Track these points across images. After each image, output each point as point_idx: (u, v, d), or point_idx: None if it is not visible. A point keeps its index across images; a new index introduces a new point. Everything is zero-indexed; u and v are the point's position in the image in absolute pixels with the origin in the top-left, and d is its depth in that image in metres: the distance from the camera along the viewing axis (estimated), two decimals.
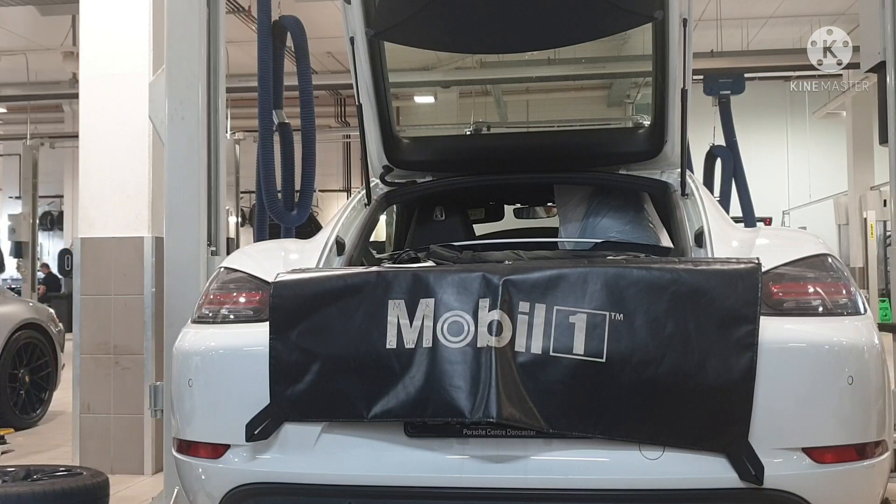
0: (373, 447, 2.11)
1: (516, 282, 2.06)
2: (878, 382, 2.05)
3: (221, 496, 2.21)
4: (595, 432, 2.01)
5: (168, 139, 3.31)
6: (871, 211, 13.53)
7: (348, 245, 2.87)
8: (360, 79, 3.25)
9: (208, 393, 2.25)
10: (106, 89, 4.55)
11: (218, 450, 2.21)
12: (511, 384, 2.00)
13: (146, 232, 4.47)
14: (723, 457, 1.97)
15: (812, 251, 2.25)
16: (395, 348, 2.07)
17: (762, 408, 1.97)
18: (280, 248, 2.74)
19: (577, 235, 3.44)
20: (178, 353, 2.34)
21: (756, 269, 2.06)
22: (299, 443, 2.14)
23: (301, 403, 2.12)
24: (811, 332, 2.05)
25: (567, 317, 2.03)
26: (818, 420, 2.01)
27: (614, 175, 3.37)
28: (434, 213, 3.65)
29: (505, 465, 2.05)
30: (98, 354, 4.48)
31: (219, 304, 2.37)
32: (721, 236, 2.56)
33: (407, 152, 3.45)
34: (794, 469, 1.98)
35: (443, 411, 2.02)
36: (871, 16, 4.07)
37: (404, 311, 2.08)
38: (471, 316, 2.04)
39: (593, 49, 11.65)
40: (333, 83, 13.52)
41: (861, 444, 2.02)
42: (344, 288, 2.16)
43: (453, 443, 2.09)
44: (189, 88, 3.29)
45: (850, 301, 2.14)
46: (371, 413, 2.06)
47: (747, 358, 1.97)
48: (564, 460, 2.05)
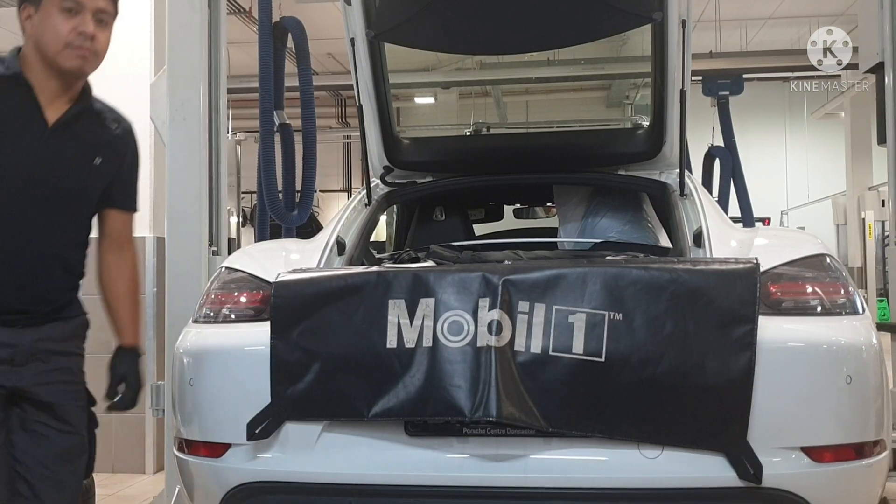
0: (373, 446, 2.12)
1: (516, 282, 2.07)
2: (876, 382, 2.06)
3: (222, 495, 2.22)
4: (594, 431, 2.02)
5: (169, 140, 3.32)
6: (869, 211, 13.55)
7: (349, 245, 2.88)
8: (360, 80, 3.26)
9: (209, 392, 2.26)
10: (106, 90, 4.55)
11: (219, 449, 2.22)
12: (511, 383, 2.01)
13: (147, 232, 4.48)
14: (721, 456, 1.98)
15: (810, 251, 2.26)
16: (396, 348, 2.07)
17: (761, 407, 1.98)
18: (281, 249, 2.75)
19: (576, 235, 3.46)
20: (179, 352, 2.35)
21: (755, 269, 2.07)
22: (300, 442, 2.15)
23: (302, 403, 2.13)
24: (809, 331, 2.06)
25: (566, 316, 2.04)
26: (817, 419, 2.02)
27: (613, 175, 3.39)
28: (434, 213, 3.66)
29: (505, 465, 2.06)
30: (99, 354, 4.48)
31: (220, 304, 2.38)
32: (719, 236, 2.57)
33: (407, 153, 3.46)
34: (792, 468, 1.99)
35: (443, 410, 2.03)
36: (869, 16, 4.08)
37: (405, 311, 2.09)
38: (471, 315, 2.05)
39: (593, 50, 11.67)
40: (334, 84, 13.51)
41: (859, 444, 2.03)
42: (344, 288, 2.17)
43: (453, 442, 2.10)
44: (190, 89, 3.30)
45: (849, 301, 2.14)
46: (371, 412, 2.07)
47: (746, 357, 1.98)
48: (564, 459, 2.06)
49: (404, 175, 3.48)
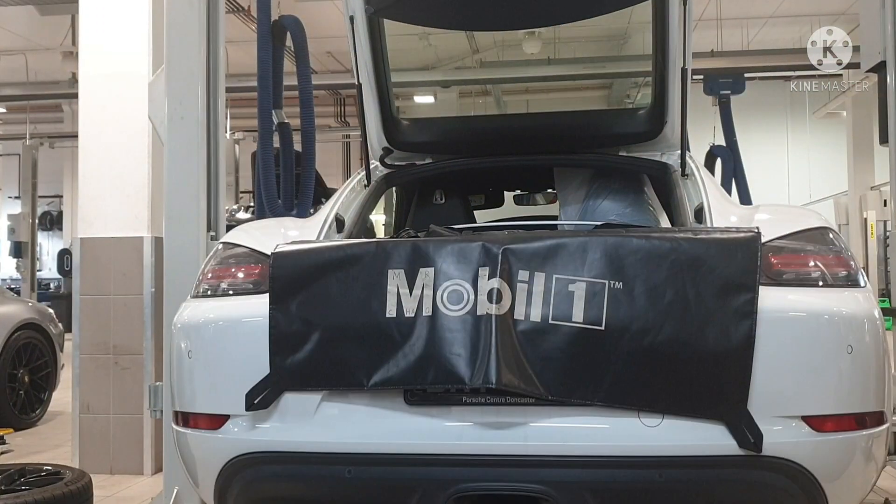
0: (373, 415, 2.12)
1: (516, 251, 2.06)
2: (877, 353, 2.05)
3: (221, 466, 2.21)
4: (594, 399, 2.01)
5: (168, 139, 3.30)
6: (871, 211, 13.56)
7: (348, 222, 2.88)
8: (359, 58, 3.24)
9: (208, 364, 2.25)
10: (105, 89, 4.55)
11: (217, 420, 2.21)
12: (510, 351, 2.00)
13: (146, 232, 4.47)
14: (722, 424, 1.98)
15: (812, 224, 2.25)
16: (395, 317, 2.07)
17: (761, 376, 1.97)
18: (279, 226, 2.75)
19: (577, 218, 3.44)
20: (177, 326, 2.34)
21: (756, 238, 2.06)
22: (299, 412, 2.14)
23: (301, 372, 2.12)
24: (811, 301, 2.05)
25: (566, 285, 2.03)
26: (817, 389, 2.01)
27: (614, 157, 3.37)
28: (434, 196, 3.65)
29: (504, 432, 2.05)
30: (97, 354, 4.48)
31: (218, 279, 2.37)
32: (721, 212, 2.56)
33: (406, 134, 3.45)
34: (793, 437, 1.98)
35: (443, 378, 2.03)
36: (871, 16, 4.06)
37: (404, 281, 2.09)
38: (470, 284, 2.05)
39: (593, 49, 11.65)
40: (333, 83, 13.52)
41: (860, 414, 2.03)
42: (344, 258, 2.16)
43: (453, 410, 2.09)
44: (189, 88, 3.28)
45: (850, 273, 2.14)
46: (371, 381, 2.07)
47: (746, 326, 1.97)
48: (564, 427, 2.05)
49: (404, 157, 3.45)
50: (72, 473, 3.26)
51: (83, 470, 3.40)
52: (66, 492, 3.04)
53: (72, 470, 3.34)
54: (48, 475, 3.28)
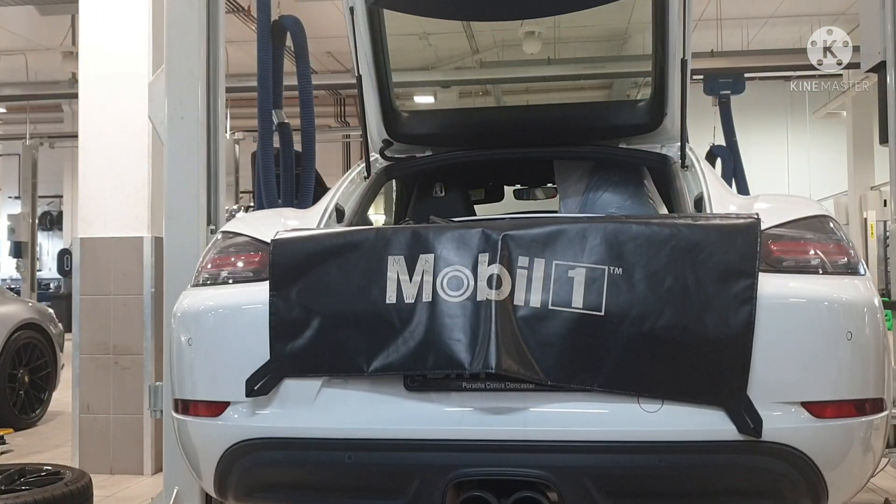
0: (373, 401, 2.12)
1: (515, 237, 2.07)
2: (876, 340, 2.06)
3: (221, 453, 2.21)
4: (594, 385, 2.02)
5: (167, 139, 3.30)
6: (871, 211, 13.55)
7: (348, 213, 2.89)
8: (359, 50, 3.25)
9: (208, 351, 2.26)
10: (105, 89, 4.55)
11: (218, 407, 2.22)
12: (510, 337, 2.01)
13: (146, 232, 4.47)
14: (721, 410, 1.98)
15: (811, 212, 2.26)
16: (395, 303, 2.08)
17: (761, 362, 1.98)
18: (279, 215, 2.76)
19: (576, 211, 3.45)
20: (177, 315, 2.35)
21: (756, 224, 2.07)
22: (299, 398, 2.15)
23: (301, 358, 2.13)
24: (810, 288, 2.06)
25: (566, 271, 2.04)
26: (817, 375, 2.02)
27: (614, 149, 3.38)
28: (434, 189, 3.65)
29: (504, 418, 2.06)
30: (97, 354, 4.48)
31: (218, 268, 2.38)
32: (720, 201, 2.58)
33: (406, 126, 3.46)
34: (792, 423, 1.99)
35: (443, 364, 2.04)
36: (870, 16, 4.06)
37: (404, 267, 2.10)
38: (470, 270, 2.06)
39: (593, 49, 11.64)
40: (333, 83, 13.51)
41: (860, 400, 2.04)
42: (343, 245, 2.17)
43: (453, 396, 2.11)
44: (189, 88, 3.28)
45: (850, 261, 2.15)
46: (371, 367, 2.08)
47: (746, 312, 1.98)
48: (563, 412, 2.06)
49: (404, 150, 3.45)
50: (72, 473, 3.26)
51: (83, 470, 3.40)
52: (66, 492, 3.04)
53: (72, 470, 3.33)
54: (48, 475, 3.28)
